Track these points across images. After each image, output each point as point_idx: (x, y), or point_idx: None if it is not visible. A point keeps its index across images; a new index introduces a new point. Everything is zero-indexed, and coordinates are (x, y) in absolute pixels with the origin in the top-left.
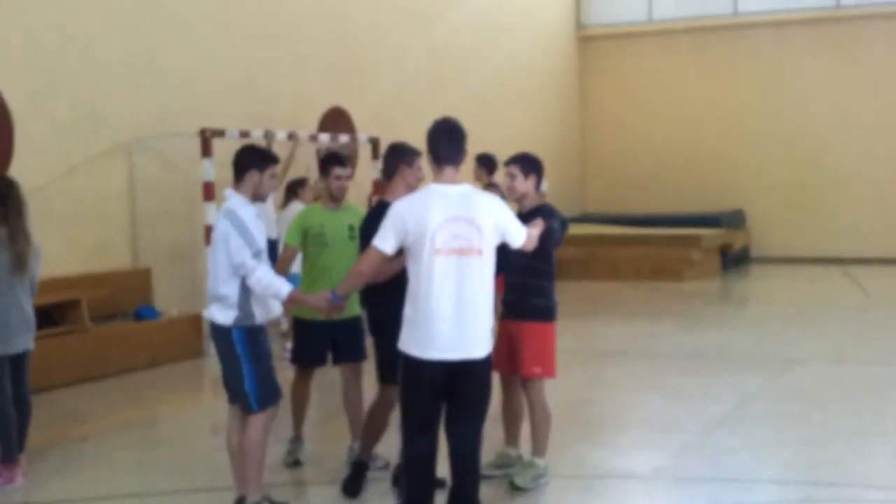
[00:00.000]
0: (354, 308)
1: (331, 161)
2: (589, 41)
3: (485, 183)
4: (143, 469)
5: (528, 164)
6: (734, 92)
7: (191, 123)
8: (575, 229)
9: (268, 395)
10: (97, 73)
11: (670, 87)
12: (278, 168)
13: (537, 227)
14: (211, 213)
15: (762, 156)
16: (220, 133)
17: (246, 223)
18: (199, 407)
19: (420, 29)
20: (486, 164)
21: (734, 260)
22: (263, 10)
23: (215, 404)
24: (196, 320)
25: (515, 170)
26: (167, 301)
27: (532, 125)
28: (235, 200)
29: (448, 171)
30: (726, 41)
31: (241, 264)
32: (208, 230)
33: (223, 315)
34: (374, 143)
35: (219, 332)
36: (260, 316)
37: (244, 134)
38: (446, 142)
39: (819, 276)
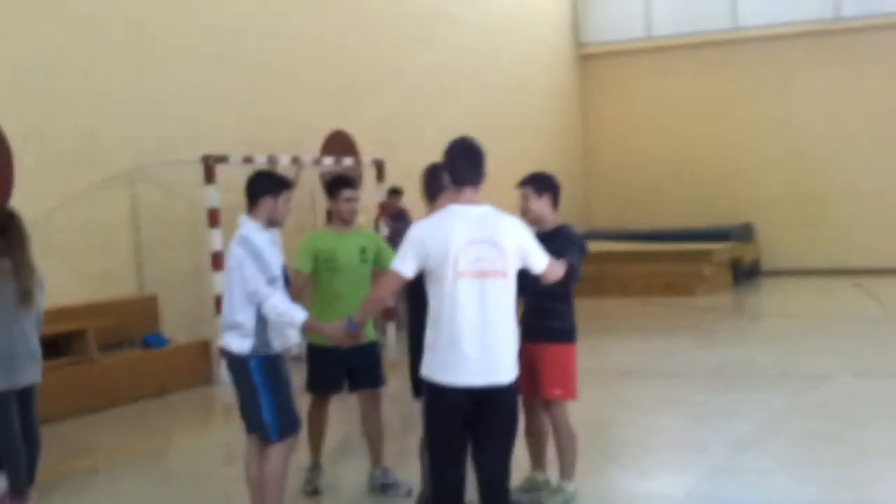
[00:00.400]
0: (370, 333)
1: (339, 183)
2: (588, 59)
3: None
4: (154, 503)
5: (541, 183)
6: (737, 106)
7: (191, 150)
8: None
9: (287, 425)
10: (96, 103)
11: (672, 102)
12: (288, 195)
13: (560, 268)
14: (216, 239)
15: (768, 169)
16: (222, 159)
17: (260, 250)
18: (211, 436)
19: (418, 50)
20: None
21: (745, 274)
22: (262, 36)
23: (227, 433)
24: (204, 347)
25: (528, 190)
26: (174, 328)
27: (533, 143)
28: (249, 227)
29: (467, 191)
30: (727, 55)
31: (255, 291)
32: (215, 256)
33: (239, 344)
34: (379, 165)
35: (235, 361)
36: (277, 344)
37: (247, 159)
38: (465, 162)
39: (831, 288)
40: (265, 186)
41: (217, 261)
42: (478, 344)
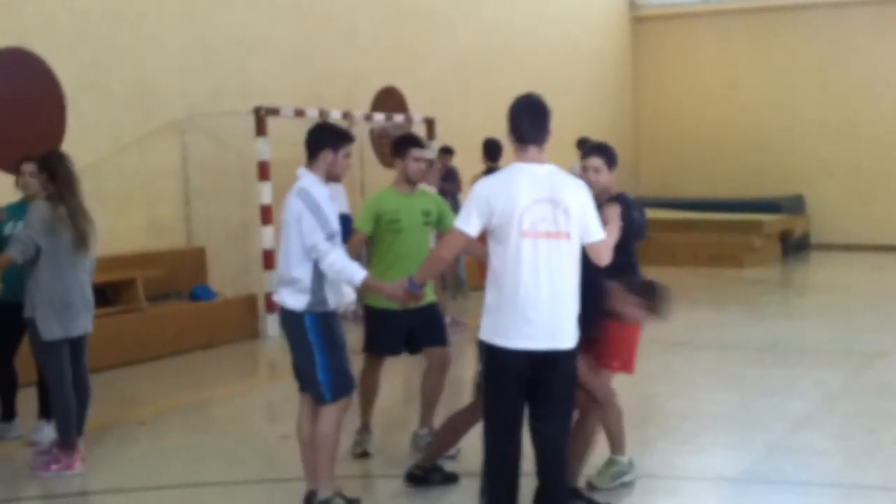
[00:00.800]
0: (430, 294)
1: (407, 142)
2: (643, 21)
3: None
4: (199, 457)
5: (611, 155)
6: (794, 74)
7: (243, 101)
8: None
9: (341, 385)
10: (150, 50)
11: (727, 68)
12: (347, 150)
13: (613, 226)
14: (266, 192)
15: (823, 140)
16: (274, 111)
17: (320, 204)
18: (256, 391)
19: (472, 8)
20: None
21: (794, 247)
22: None
23: (272, 389)
24: (251, 301)
25: (599, 162)
26: (222, 281)
27: (584, 106)
28: (308, 180)
29: (532, 150)
30: (786, 22)
31: (314, 247)
32: (264, 210)
33: (295, 300)
34: (430, 123)
35: (290, 317)
36: (333, 301)
37: (299, 112)
38: (529, 119)
39: (883, 265)
40: (325, 139)
41: (266, 214)
42: (541, 306)
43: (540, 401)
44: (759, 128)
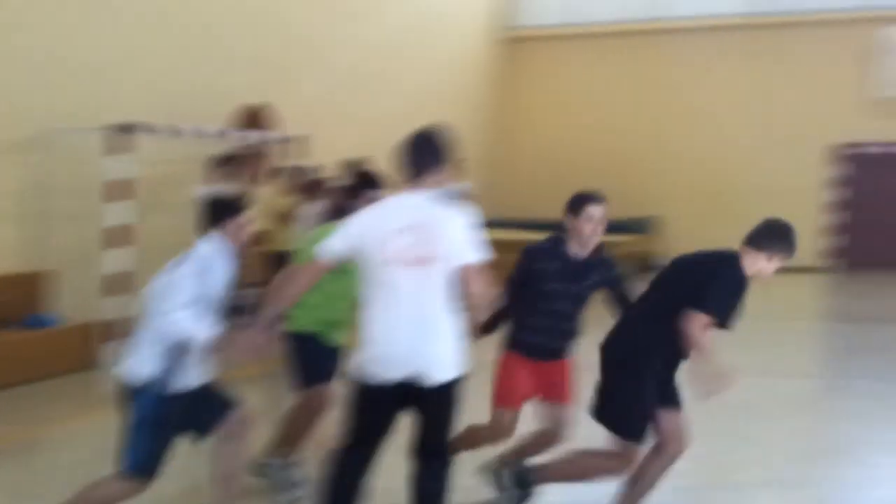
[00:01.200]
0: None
1: (366, 184)
2: (517, 42)
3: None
4: (28, 499)
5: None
6: (656, 98)
7: (102, 119)
8: (490, 234)
9: (145, 469)
10: (3, 62)
11: (594, 90)
12: (251, 215)
13: (485, 286)
14: (112, 214)
15: (679, 163)
16: (130, 128)
17: (210, 270)
18: (91, 427)
19: (348, 28)
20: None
21: (647, 267)
22: (186, 2)
23: (108, 424)
24: (87, 330)
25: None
26: (61, 309)
27: (456, 127)
28: (216, 245)
29: (414, 180)
30: (652, 46)
31: (167, 301)
32: (108, 233)
33: (141, 366)
34: (301, 141)
35: (132, 385)
36: (181, 380)
37: (159, 130)
38: (414, 151)
39: None
40: (219, 213)
41: (112, 238)
42: (396, 335)
43: (415, 436)
44: (622, 149)
